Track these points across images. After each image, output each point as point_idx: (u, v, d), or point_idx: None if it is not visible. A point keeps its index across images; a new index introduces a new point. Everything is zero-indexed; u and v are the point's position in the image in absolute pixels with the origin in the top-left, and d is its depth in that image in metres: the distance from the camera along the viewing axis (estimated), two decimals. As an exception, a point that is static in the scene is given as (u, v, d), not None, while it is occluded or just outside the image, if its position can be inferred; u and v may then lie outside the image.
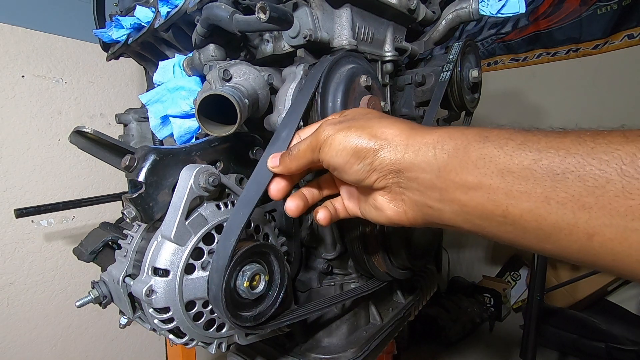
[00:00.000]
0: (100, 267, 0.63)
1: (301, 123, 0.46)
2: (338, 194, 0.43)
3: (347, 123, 0.34)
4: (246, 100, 0.45)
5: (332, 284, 0.66)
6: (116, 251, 0.53)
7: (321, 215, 0.41)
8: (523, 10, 0.67)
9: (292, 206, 0.40)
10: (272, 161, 0.39)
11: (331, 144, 0.33)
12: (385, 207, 0.34)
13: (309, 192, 0.42)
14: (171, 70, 0.63)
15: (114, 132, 1.07)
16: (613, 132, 0.23)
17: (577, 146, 0.23)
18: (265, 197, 0.40)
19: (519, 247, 0.27)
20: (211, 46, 0.57)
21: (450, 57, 0.71)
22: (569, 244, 0.23)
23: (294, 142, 0.41)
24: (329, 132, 0.34)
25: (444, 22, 0.77)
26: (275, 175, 0.39)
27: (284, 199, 0.41)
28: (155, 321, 0.43)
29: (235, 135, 0.49)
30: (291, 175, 0.40)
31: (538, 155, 0.24)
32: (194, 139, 0.60)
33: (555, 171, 0.23)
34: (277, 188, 0.40)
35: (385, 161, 0.31)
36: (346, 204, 0.42)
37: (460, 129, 0.30)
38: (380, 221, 0.36)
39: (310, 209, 0.42)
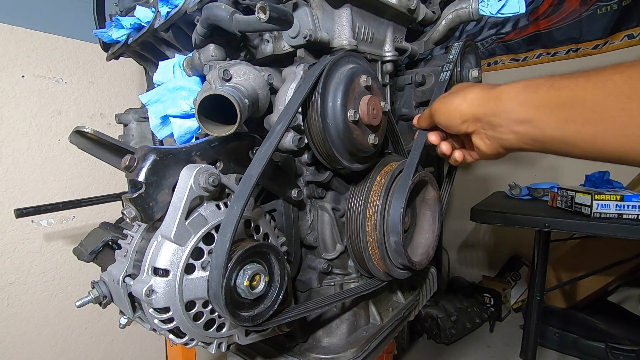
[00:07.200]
0: (100, 267, 0.63)
1: (297, 118, 0.46)
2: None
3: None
4: (246, 100, 0.45)
5: (332, 284, 0.66)
6: (116, 251, 0.53)
7: (457, 155, 0.56)
8: (523, 10, 0.68)
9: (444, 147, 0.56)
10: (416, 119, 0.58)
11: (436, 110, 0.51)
12: (479, 145, 0.48)
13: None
14: (171, 70, 0.63)
15: (114, 132, 1.07)
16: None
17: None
18: (264, 196, 0.40)
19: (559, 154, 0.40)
20: (211, 46, 0.57)
21: (450, 57, 0.71)
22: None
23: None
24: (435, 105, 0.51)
25: (444, 22, 0.77)
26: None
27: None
28: (155, 321, 0.43)
29: (235, 135, 0.49)
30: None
31: (557, 93, 0.37)
32: (194, 139, 0.60)
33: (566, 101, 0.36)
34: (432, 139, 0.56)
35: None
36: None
37: (511, 85, 0.42)
38: (482, 155, 0.50)
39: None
